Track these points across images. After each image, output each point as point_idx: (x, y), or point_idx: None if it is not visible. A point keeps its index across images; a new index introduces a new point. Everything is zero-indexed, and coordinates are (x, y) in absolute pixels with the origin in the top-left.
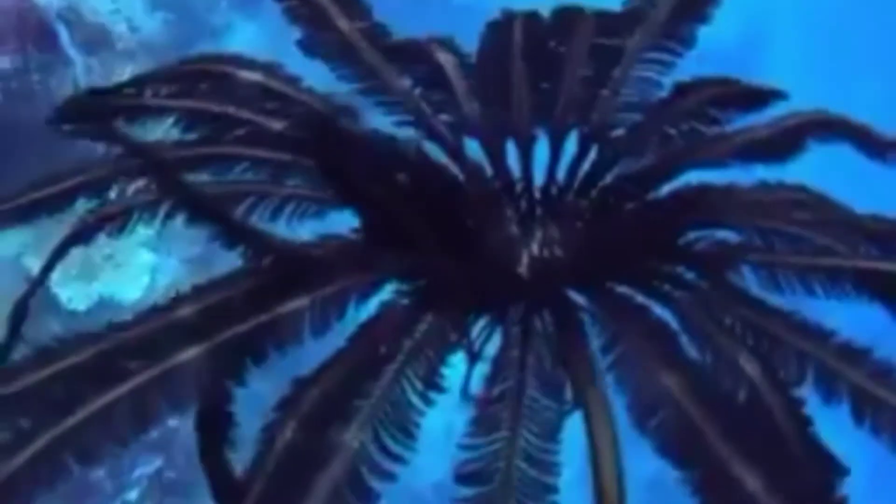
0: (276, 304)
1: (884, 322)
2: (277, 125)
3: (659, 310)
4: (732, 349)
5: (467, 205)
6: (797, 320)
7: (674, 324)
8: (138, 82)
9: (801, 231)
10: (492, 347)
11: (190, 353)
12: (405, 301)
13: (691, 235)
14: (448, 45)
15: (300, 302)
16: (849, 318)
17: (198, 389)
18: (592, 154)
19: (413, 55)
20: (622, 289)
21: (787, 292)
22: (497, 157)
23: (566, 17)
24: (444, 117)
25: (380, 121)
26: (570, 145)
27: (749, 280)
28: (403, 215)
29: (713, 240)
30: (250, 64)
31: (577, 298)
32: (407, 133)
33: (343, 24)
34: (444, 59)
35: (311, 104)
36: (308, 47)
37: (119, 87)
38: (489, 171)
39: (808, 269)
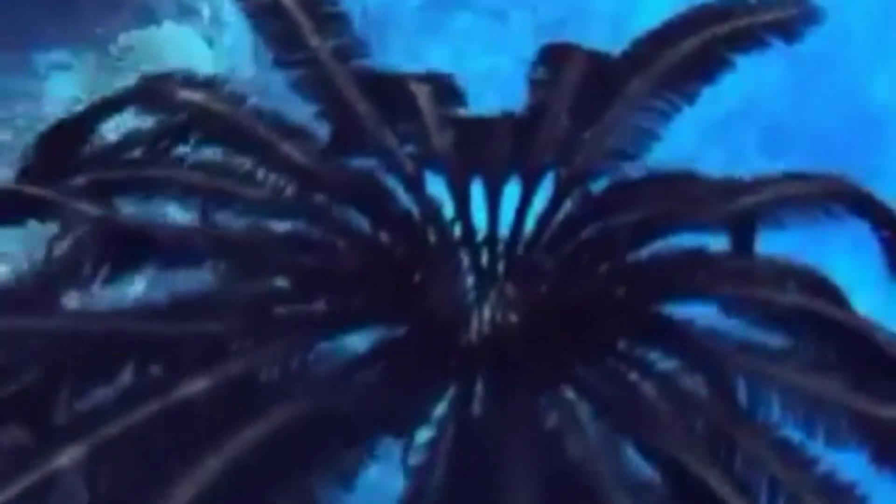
0: (169, 389)
1: None
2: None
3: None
4: (702, 467)
5: (418, 252)
6: (778, 438)
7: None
8: (94, 111)
9: (795, 300)
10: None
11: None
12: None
13: (673, 310)
14: (430, 77)
15: (198, 384)
16: None
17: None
18: (569, 203)
19: (385, 82)
20: (580, 369)
21: (765, 407)
22: (461, 197)
23: (556, 53)
24: (408, 148)
25: None
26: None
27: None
28: (340, 265)
29: (699, 328)
30: (194, 83)
31: (528, 375)
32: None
33: (315, 41)
34: (419, 89)
35: (251, 127)
36: (277, 64)
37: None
38: (451, 210)
39: (794, 389)
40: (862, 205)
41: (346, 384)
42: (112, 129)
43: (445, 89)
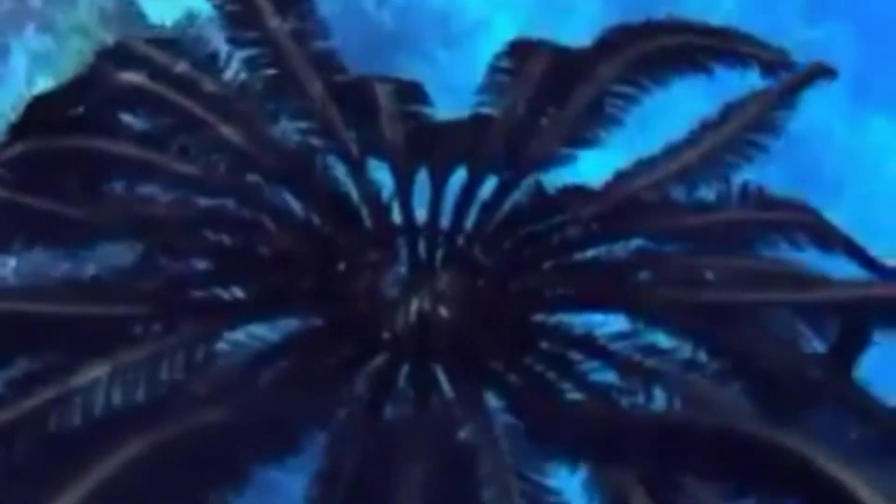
0: (65, 376)
1: None
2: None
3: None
4: (622, 489)
5: (350, 236)
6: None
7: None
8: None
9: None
10: None
11: None
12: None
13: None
14: (396, 80)
15: (98, 371)
16: None
17: None
18: (518, 195)
19: (349, 79)
20: (508, 374)
21: None
22: (404, 184)
23: (521, 48)
24: (352, 134)
25: None
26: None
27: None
28: (263, 245)
29: (640, 343)
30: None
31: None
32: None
33: (274, 22)
34: (381, 87)
35: (187, 108)
36: (232, 42)
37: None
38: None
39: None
40: (824, 235)
41: (240, 393)
42: None
43: (409, 91)
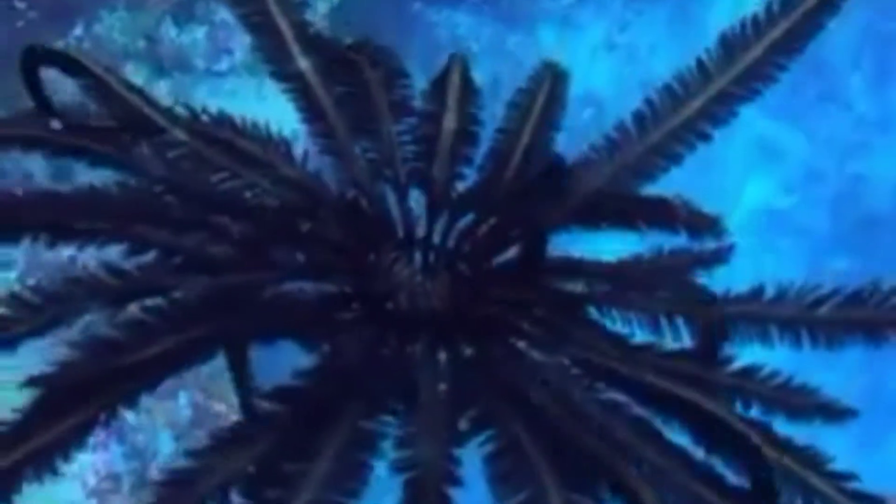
0: None
1: None
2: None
3: None
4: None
5: (382, 241)
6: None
7: None
8: None
9: None
10: None
11: None
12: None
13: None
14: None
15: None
16: None
17: None
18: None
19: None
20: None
21: None
22: (433, 216)
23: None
24: (405, 170)
25: None
26: None
27: None
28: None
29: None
30: None
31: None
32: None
33: (368, 73)
34: (447, 124)
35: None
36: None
37: None
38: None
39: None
40: None
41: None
42: None
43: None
